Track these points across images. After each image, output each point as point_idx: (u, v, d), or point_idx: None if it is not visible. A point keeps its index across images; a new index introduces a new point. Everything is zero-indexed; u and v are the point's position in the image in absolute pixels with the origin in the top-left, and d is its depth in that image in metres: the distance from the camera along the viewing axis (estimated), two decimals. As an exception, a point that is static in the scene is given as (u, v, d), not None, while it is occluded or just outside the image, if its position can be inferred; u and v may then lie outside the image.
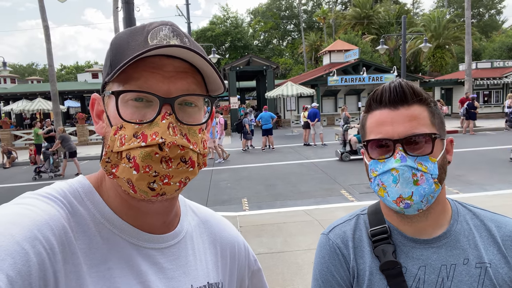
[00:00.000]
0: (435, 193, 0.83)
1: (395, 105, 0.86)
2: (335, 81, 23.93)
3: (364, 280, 0.92)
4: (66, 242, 0.58)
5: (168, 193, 0.62)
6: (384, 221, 0.96)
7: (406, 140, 0.83)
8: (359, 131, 0.97)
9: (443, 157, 0.86)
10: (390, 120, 0.85)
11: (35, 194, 0.61)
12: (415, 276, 0.88)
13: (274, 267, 4.16)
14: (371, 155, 0.88)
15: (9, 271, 0.47)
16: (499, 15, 50.85)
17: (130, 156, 0.59)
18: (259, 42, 56.39)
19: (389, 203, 0.85)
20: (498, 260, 0.88)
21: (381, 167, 0.85)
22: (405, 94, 0.85)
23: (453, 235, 0.91)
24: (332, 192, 7.91)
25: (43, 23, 15.61)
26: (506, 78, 24.78)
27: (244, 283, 0.88)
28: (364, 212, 1.02)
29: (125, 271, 0.64)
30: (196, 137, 0.64)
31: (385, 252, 0.90)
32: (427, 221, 0.90)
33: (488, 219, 0.94)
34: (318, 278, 0.99)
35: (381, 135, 0.85)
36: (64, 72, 60.62)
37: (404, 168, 0.81)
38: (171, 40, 0.63)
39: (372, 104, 0.90)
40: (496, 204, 5.92)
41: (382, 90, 0.88)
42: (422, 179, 0.81)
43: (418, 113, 0.85)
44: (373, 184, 0.89)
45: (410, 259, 0.90)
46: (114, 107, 0.62)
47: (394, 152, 0.83)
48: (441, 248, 0.90)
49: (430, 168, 0.82)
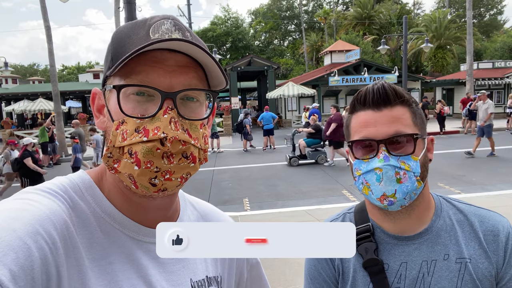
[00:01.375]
0: (417, 190, 0.87)
1: (378, 106, 0.89)
2: (336, 81, 23.93)
3: (348, 277, 0.97)
4: (68, 236, 0.58)
5: (170, 189, 0.62)
6: (368, 220, 0.99)
7: (389, 140, 0.86)
8: (344, 131, 1.00)
9: (425, 155, 0.90)
10: (373, 121, 0.88)
11: (36, 189, 0.62)
12: (396, 272, 0.92)
13: (276, 267, 4.16)
14: (356, 155, 0.91)
15: (12, 266, 0.47)
16: (500, 15, 50.85)
17: (132, 151, 0.59)
18: (260, 43, 56.47)
19: (373, 200, 0.88)
20: (479, 255, 0.90)
21: (365, 166, 0.88)
22: (388, 95, 0.88)
23: (435, 231, 0.93)
24: (333, 192, 7.91)
25: (45, 24, 15.63)
26: (508, 79, 24.76)
27: (243, 276, 0.88)
28: (351, 211, 1.06)
29: (125, 265, 0.64)
30: (197, 132, 0.64)
31: (368, 250, 0.94)
32: (410, 218, 0.93)
33: (472, 213, 0.96)
34: (307, 275, 1.04)
35: (365, 135, 0.88)
36: (66, 73, 60.78)
37: (387, 167, 0.84)
38: (173, 34, 0.62)
39: (356, 105, 0.93)
40: (498, 205, 5.91)
41: (366, 92, 0.91)
42: (405, 177, 0.84)
43: (401, 114, 0.88)
44: (357, 183, 0.91)
45: (392, 256, 0.93)
46: (115, 102, 0.62)
47: (378, 152, 0.86)
48: (423, 244, 0.93)
49: (413, 166, 0.85)
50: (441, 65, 34.55)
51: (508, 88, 25.23)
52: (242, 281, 0.88)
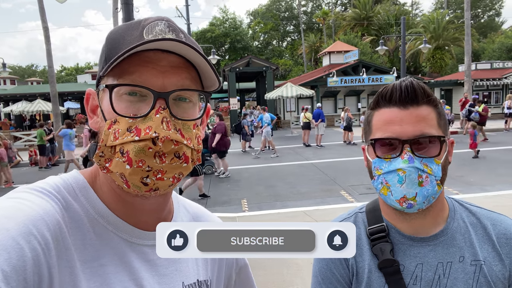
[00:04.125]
0: (436, 194, 0.84)
1: (404, 105, 0.85)
2: (335, 82, 23.94)
3: (363, 277, 0.94)
4: (61, 237, 0.58)
5: (161, 188, 0.62)
6: (382, 219, 0.97)
7: (414, 141, 0.83)
8: (363, 127, 0.97)
9: (446, 158, 0.87)
10: (399, 120, 0.85)
11: (29, 189, 0.61)
12: (412, 274, 0.90)
13: (274, 268, 4.15)
14: (377, 153, 0.87)
15: (4, 266, 0.47)
16: (498, 17, 50.98)
17: (123, 150, 0.59)
18: (258, 43, 56.46)
19: (392, 202, 0.85)
20: (493, 258, 0.89)
21: (386, 166, 0.85)
22: (416, 94, 0.85)
23: (450, 233, 0.92)
24: (331, 193, 7.91)
25: (43, 25, 15.60)
26: (506, 79, 24.80)
27: (231, 279, 0.88)
28: (362, 210, 1.03)
29: (118, 268, 0.64)
30: (190, 133, 0.64)
31: (383, 251, 0.92)
32: (425, 219, 0.91)
33: (484, 217, 0.95)
34: (318, 275, 1.00)
35: (389, 134, 0.85)
36: (64, 74, 60.66)
37: (411, 170, 0.81)
38: (167, 35, 0.63)
39: (380, 102, 0.90)
40: (496, 205, 5.91)
41: (393, 89, 0.87)
42: (426, 180, 0.82)
43: (427, 114, 0.85)
44: (376, 182, 0.88)
45: (408, 257, 0.91)
46: (108, 101, 0.62)
47: (402, 152, 0.83)
48: (438, 246, 0.91)
49: (435, 170, 0.83)
50: (439, 66, 34.60)
51: (506, 89, 25.26)
52: (230, 284, 0.88)
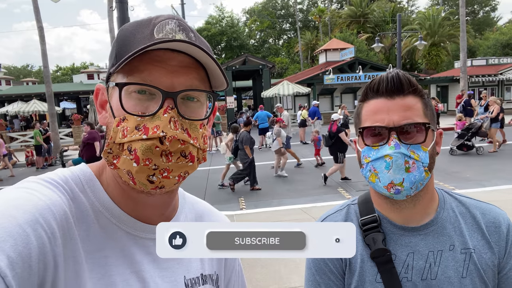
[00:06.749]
0: (424, 181, 0.87)
1: (391, 95, 0.88)
2: (331, 79, 23.98)
3: (356, 267, 0.96)
4: (67, 227, 0.59)
5: (167, 187, 0.63)
6: (373, 210, 0.99)
7: (400, 128, 0.86)
8: (354, 119, 0.99)
9: (433, 147, 0.90)
10: (386, 109, 0.88)
11: (38, 179, 0.63)
12: (404, 262, 0.92)
13: (271, 265, 4.17)
14: (366, 142, 0.90)
15: (10, 252, 0.48)
16: (493, 12, 51.14)
17: (131, 148, 0.60)
18: (255, 42, 56.40)
19: (380, 188, 0.87)
20: (482, 246, 0.92)
21: (374, 153, 0.87)
22: (402, 84, 0.88)
23: (440, 223, 0.94)
24: (328, 190, 7.95)
25: (38, 24, 15.51)
26: (501, 75, 24.92)
27: (235, 272, 0.90)
28: (354, 202, 1.06)
29: (120, 260, 0.65)
30: (197, 132, 0.65)
31: (375, 240, 0.94)
32: (415, 208, 0.93)
33: (473, 206, 0.97)
34: (312, 267, 1.02)
35: (377, 122, 0.88)
36: (60, 74, 60.37)
37: (397, 155, 0.84)
38: (177, 35, 0.63)
39: (368, 93, 0.93)
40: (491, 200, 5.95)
41: (380, 80, 0.90)
42: (413, 166, 0.84)
43: (413, 104, 0.88)
44: (364, 170, 0.91)
45: (399, 246, 0.94)
46: (117, 99, 0.63)
47: (389, 140, 0.85)
48: (429, 235, 0.93)
49: (422, 156, 0.85)
50: (435, 63, 34.72)
51: (502, 85, 25.41)
52: (233, 279, 0.89)
